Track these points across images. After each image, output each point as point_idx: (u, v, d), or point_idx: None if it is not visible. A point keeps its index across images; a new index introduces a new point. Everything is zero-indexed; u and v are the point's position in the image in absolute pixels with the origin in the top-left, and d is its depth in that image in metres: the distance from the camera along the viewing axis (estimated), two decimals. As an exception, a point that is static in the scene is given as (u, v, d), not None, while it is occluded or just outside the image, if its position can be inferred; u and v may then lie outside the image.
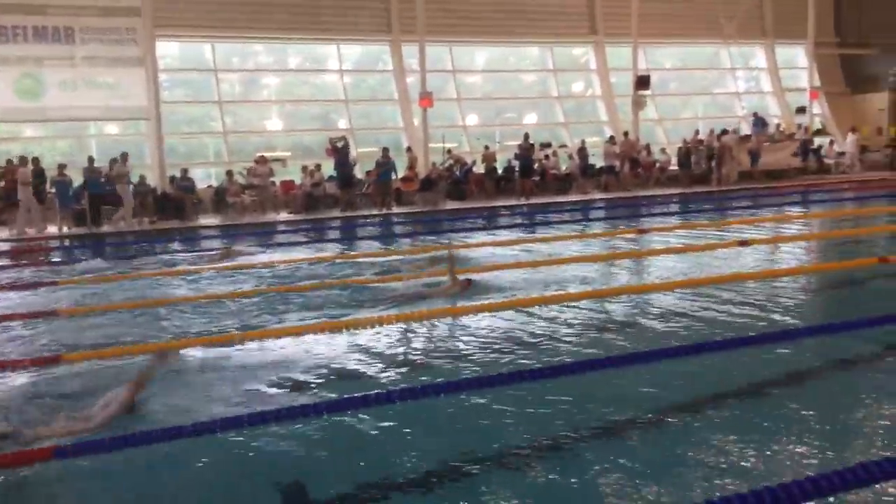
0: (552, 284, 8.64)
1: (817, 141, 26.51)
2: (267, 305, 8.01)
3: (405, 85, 23.48)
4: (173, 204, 19.02)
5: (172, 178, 19.63)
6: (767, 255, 10.33)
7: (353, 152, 20.05)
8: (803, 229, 13.82)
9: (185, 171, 19.56)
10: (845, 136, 26.94)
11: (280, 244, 14.02)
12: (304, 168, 20.54)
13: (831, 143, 26.90)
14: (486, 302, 7.74)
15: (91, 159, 17.93)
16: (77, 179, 17.93)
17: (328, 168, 20.76)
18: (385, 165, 19.72)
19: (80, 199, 17.72)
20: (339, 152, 19.71)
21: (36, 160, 17.59)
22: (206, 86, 22.43)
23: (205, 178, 21.29)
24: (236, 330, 6.91)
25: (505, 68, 26.46)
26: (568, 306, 7.56)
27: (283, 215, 19.36)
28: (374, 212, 19.31)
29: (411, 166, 21.00)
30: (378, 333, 6.64)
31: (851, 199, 18.45)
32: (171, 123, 21.36)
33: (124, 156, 18.06)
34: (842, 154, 26.17)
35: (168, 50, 21.94)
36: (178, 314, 7.89)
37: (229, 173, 19.85)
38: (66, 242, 16.65)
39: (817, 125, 27.55)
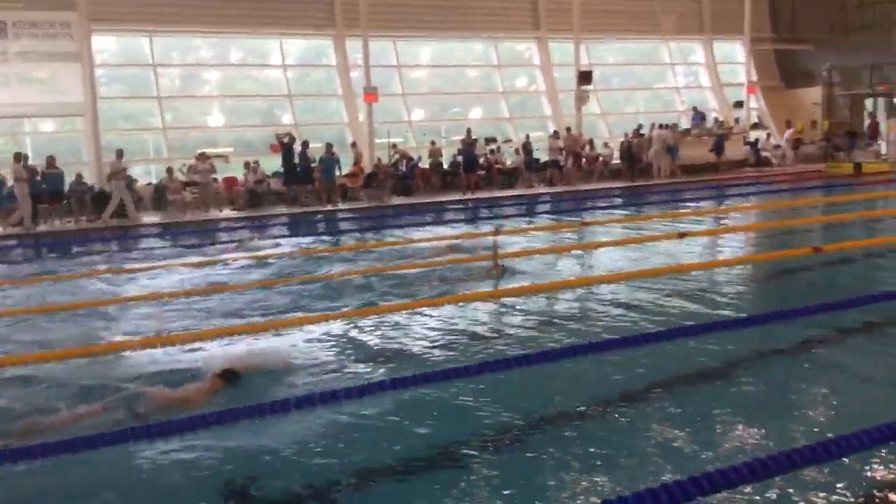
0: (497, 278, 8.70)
1: (754, 134, 27.18)
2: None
3: (349, 80, 23.31)
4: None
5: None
6: (705, 247, 10.57)
7: (308, 150, 19.75)
8: (741, 220, 14.16)
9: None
10: (781, 129, 27.70)
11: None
12: (247, 164, 20.26)
13: (768, 136, 27.62)
14: (431, 298, 7.77)
15: (25, 157, 17.33)
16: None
17: (272, 164, 20.50)
18: (328, 161, 19.57)
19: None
20: (285, 147, 19.50)
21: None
22: (144, 81, 21.91)
23: (144, 175, 20.80)
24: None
25: (450, 63, 26.46)
26: (512, 300, 7.64)
27: (226, 212, 19.07)
28: (320, 208, 19.15)
29: (356, 162, 20.89)
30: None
31: (787, 191, 18.97)
32: (109, 120, 20.80)
33: (120, 152, 17.86)
34: (778, 147, 26.89)
35: (105, 44, 21.36)
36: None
37: (169, 170, 19.47)
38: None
39: (754, 119, 28.22)
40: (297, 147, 19.36)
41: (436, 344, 6.09)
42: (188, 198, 19.11)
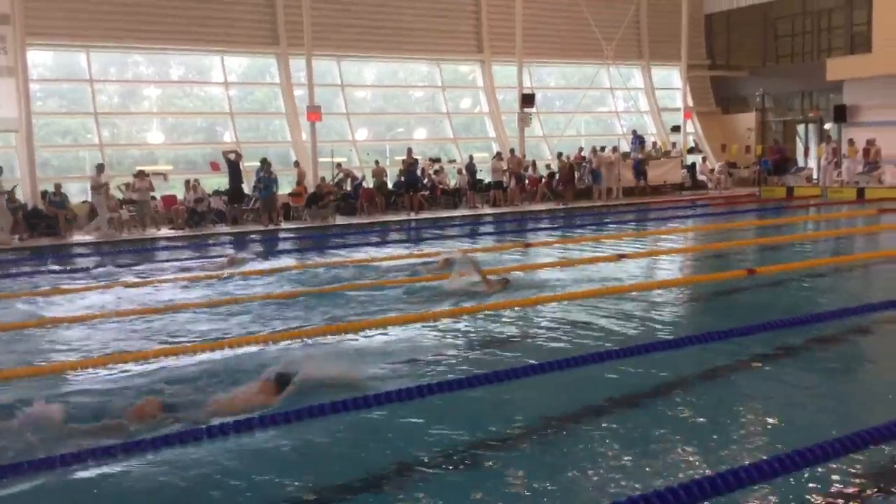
0: (437, 300, 8.70)
1: (690, 158, 27.92)
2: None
3: (293, 98, 23.19)
4: (45, 220, 18.07)
5: (45, 193, 18.65)
6: (644, 268, 10.76)
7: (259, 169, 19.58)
8: (678, 243, 14.46)
9: (58, 185, 18.60)
10: (717, 153, 28.51)
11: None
12: (187, 182, 19.94)
13: (704, 160, 28.38)
14: (371, 318, 7.73)
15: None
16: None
17: (213, 182, 20.22)
18: (266, 180, 19.36)
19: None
20: (232, 165, 19.29)
21: None
22: (81, 96, 21.44)
23: (80, 192, 20.28)
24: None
25: (394, 83, 26.55)
26: (454, 322, 7.65)
27: (165, 231, 18.71)
28: (261, 227, 18.93)
29: (299, 181, 20.75)
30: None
31: (722, 214, 19.48)
32: (44, 136, 20.30)
33: (100, 167, 18.16)
34: (713, 171, 27.63)
35: (41, 59, 20.86)
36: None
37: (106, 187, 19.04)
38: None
39: (691, 143, 28.99)
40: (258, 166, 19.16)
41: (375, 367, 6.03)
42: (125, 216, 18.71)
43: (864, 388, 5.68)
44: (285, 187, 20.70)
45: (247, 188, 20.37)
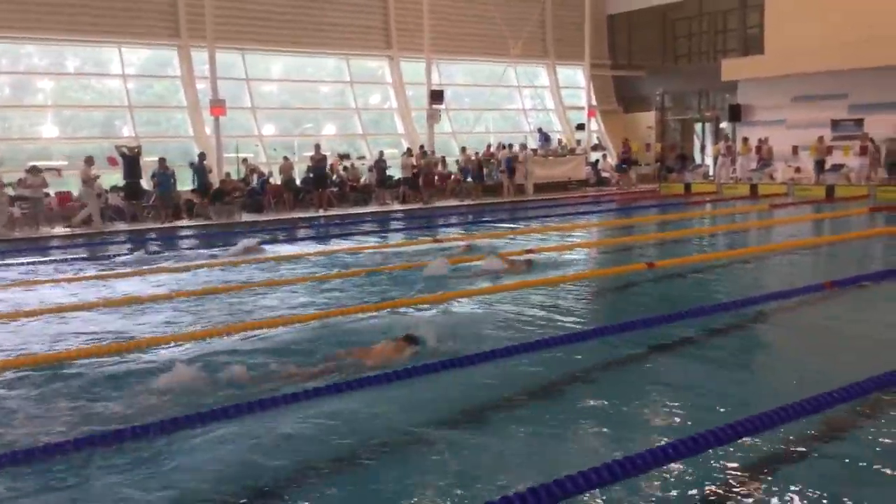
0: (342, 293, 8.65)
1: (594, 155, 28.63)
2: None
3: (195, 92, 22.54)
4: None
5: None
6: (549, 263, 10.94)
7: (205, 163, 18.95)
8: (582, 238, 14.81)
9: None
10: (619, 151, 29.33)
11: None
12: (84, 178, 19.12)
13: (604, 157, 29.17)
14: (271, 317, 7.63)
15: None
16: None
17: (114, 179, 19.48)
18: (161, 176, 18.78)
19: None
20: (128, 160, 18.59)
21: None
22: (-32, 88, 20.28)
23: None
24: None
25: (302, 78, 26.18)
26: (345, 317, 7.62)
27: (59, 229, 17.90)
28: (160, 225, 18.36)
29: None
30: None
31: (624, 210, 20.06)
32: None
33: (89, 160, 18.01)
34: (617, 168, 28.42)
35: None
36: None
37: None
38: None
39: (595, 141, 29.72)
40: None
41: (254, 367, 5.94)
42: (17, 214, 17.81)
43: (756, 376, 5.96)
44: (187, 183, 20.07)
45: (147, 184, 19.70)
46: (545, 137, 27.17)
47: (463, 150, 24.74)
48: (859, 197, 20.23)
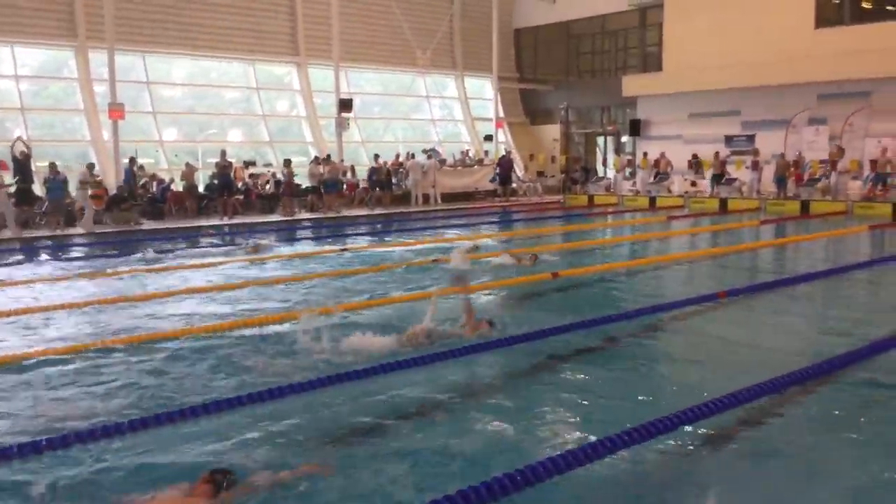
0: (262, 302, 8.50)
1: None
2: None
3: (93, 94, 21.70)
4: None
5: None
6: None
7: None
8: (489, 248, 14.96)
9: None
10: (526, 162, 29.88)
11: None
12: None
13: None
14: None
15: None
16: None
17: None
18: (52, 182, 17.97)
19: None
20: (19, 164, 17.67)
21: None
22: None
23: None
24: None
25: (206, 83, 25.57)
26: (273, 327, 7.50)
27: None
28: (55, 232, 17.55)
29: (99, 183, 19.41)
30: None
31: (531, 220, 20.41)
32: None
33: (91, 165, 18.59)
34: (523, 179, 28.93)
35: None
36: None
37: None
38: None
39: (503, 152, 30.14)
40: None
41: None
42: None
43: (654, 383, 6.15)
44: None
45: (39, 189, 18.83)
46: (435, 153, 26.82)
47: (376, 157, 24.64)
48: (751, 209, 21.23)
